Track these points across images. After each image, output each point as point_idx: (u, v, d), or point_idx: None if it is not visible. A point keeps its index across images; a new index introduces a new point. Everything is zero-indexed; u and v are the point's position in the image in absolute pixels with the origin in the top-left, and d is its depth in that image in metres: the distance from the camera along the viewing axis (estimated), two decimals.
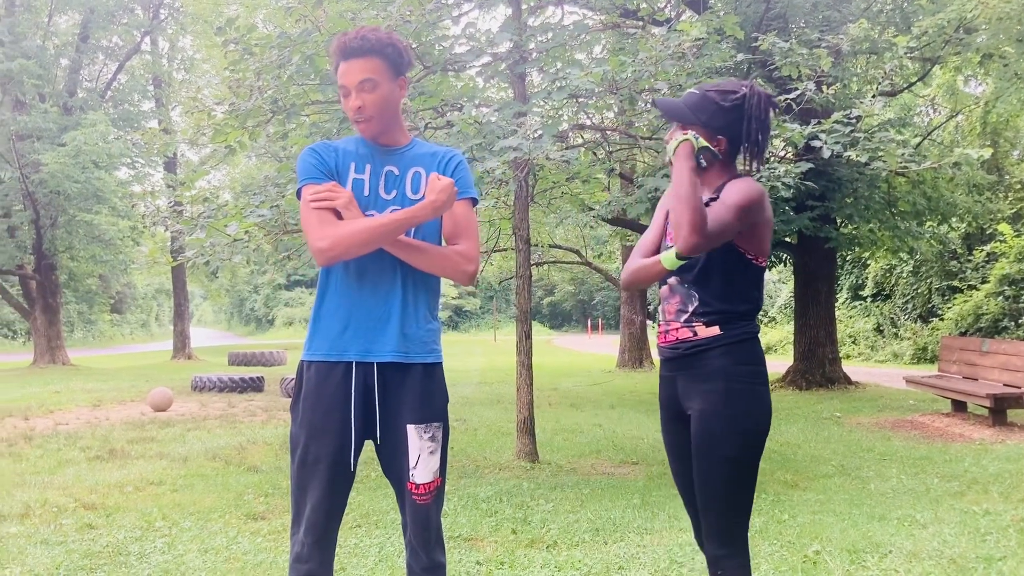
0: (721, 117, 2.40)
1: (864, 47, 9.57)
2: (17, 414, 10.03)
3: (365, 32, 2.40)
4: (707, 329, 2.37)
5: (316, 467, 2.37)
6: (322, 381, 2.39)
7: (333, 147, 2.49)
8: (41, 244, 20.07)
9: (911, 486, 5.87)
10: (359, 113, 2.39)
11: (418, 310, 2.44)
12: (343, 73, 2.39)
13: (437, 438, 2.42)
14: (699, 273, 2.38)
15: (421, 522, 2.42)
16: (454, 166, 2.50)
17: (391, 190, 2.44)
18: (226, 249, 6.11)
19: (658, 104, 2.54)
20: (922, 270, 20.48)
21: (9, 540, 4.43)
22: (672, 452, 2.57)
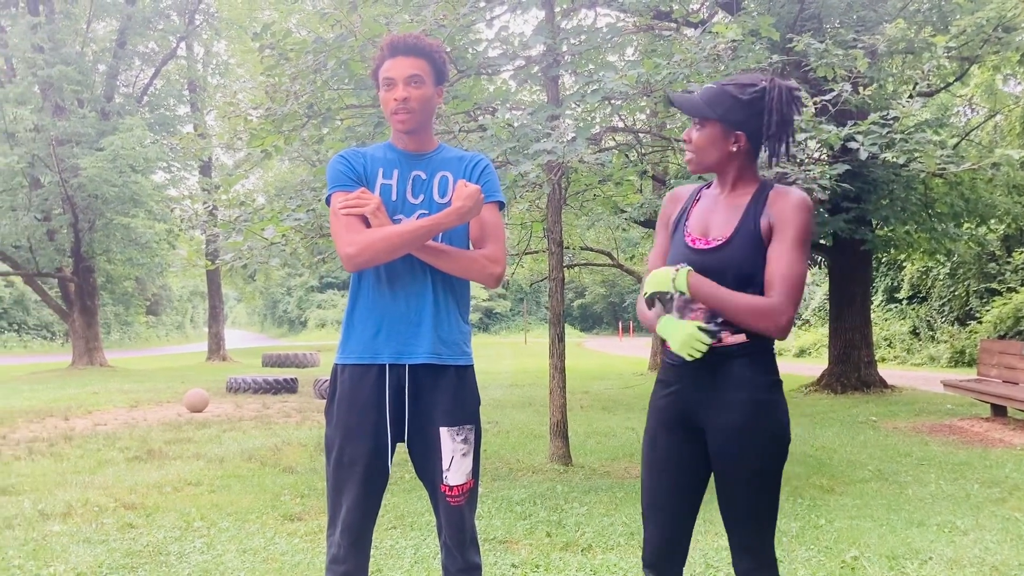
0: (739, 111, 2.28)
1: (900, 47, 9.45)
2: (57, 414, 10.20)
3: (417, 35, 2.47)
4: (733, 336, 2.24)
5: (352, 469, 2.41)
6: (356, 384, 2.44)
7: (362, 153, 2.53)
8: (79, 247, 20.38)
9: (950, 492, 5.79)
10: (404, 104, 2.41)
11: (449, 313, 2.47)
12: (391, 67, 2.43)
13: (470, 440, 2.45)
14: (735, 284, 2.23)
15: (455, 523, 2.44)
16: (480, 170, 2.53)
17: (418, 194, 2.48)
18: (263, 252, 6.18)
19: (673, 99, 2.42)
20: (959, 272, 20.19)
21: (53, 538, 4.51)
22: (659, 465, 2.38)
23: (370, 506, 2.46)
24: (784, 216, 2.24)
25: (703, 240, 2.32)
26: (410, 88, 2.42)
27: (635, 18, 7.93)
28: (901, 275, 22.47)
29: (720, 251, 2.27)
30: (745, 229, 2.27)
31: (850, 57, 6.58)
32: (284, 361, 21.03)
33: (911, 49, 9.91)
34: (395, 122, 2.46)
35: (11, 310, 35.66)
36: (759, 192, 2.31)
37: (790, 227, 2.23)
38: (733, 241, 2.27)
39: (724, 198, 2.36)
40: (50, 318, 35.83)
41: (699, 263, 2.28)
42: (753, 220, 2.27)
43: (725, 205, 2.34)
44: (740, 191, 2.34)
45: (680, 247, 2.36)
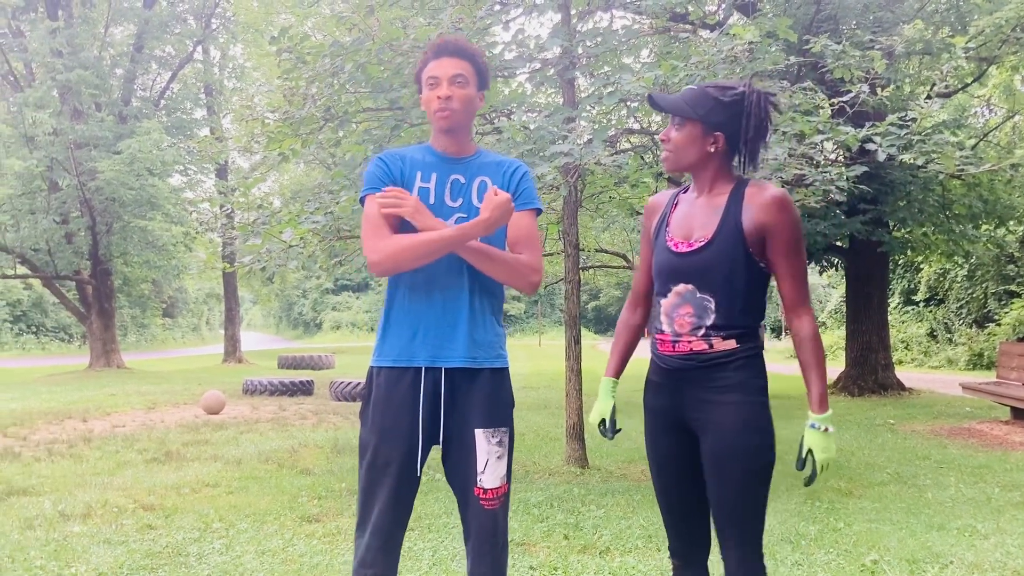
0: (720, 112, 2.33)
1: (918, 48, 9.41)
2: (76, 416, 10.27)
3: (463, 38, 2.51)
4: (724, 343, 2.30)
5: (385, 471, 2.41)
6: (392, 386, 2.44)
7: (400, 156, 2.53)
8: (97, 250, 20.51)
9: (970, 495, 5.75)
10: (447, 102, 2.43)
11: (484, 316, 2.48)
12: (436, 66, 2.45)
13: (504, 443, 2.44)
14: (720, 287, 2.30)
15: (488, 528, 2.42)
16: (519, 177, 2.54)
17: (456, 198, 2.49)
18: (281, 255, 6.21)
19: (655, 98, 2.43)
20: (978, 274, 20.05)
21: (74, 539, 4.55)
22: (664, 464, 2.47)
23: (401, 510, 2.45)
24: (773, 221, 2.28)
25: (685, 243, 2.36)
26: (454, 87, 2.44)
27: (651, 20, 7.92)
28: (918, 277, 22.34)
29: (702, 252, 2.32)
30: (726, 229, 2.31)
31: (867, 58, 6.56)
32: (300, 363, 21.10)
33: (929, 50, 9.86)
34: (437, 119, 2.46)
35: (30, 312, 35.95)
36: (735, 190, 2.35)
37: (783, 231, 2.29)
38: (715, 241, 2.31)
39: (702, 200, 2.40)
40: (68, 320, 36.10)
41: (683, 266, 2.34)
42: (733, 219, 2.30)
43: (704, 207, 2.38)
44: (717, 191, 2.38)
45: (664, 252, 2.41)
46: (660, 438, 2.47)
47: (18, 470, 6.63)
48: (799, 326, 2.32)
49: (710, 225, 2.33)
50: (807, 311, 2.32)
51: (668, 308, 2.38)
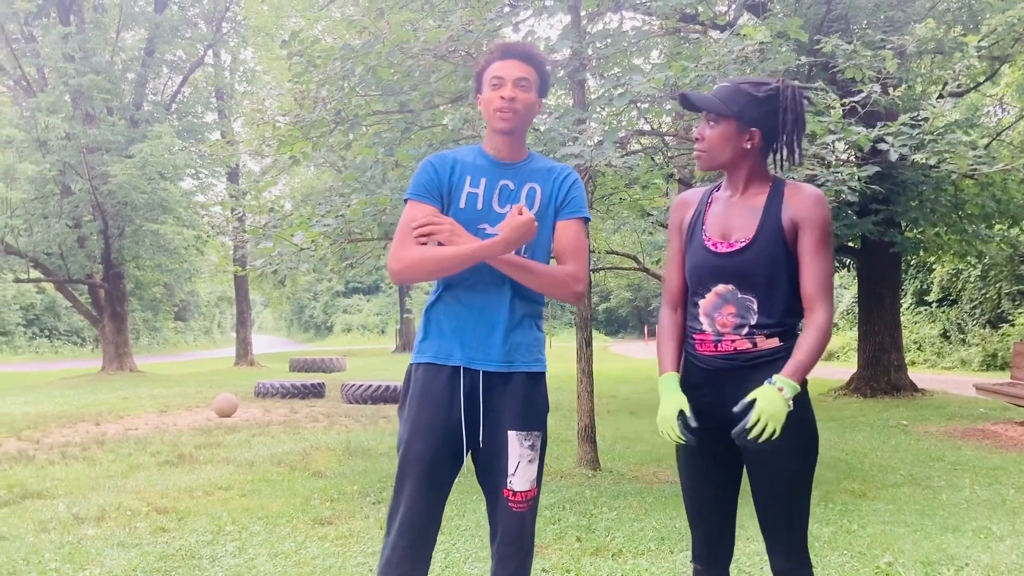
0: (755, 108, 2.30)
1: (930, 47, 9.36)
2: (89, 419, 10.32)
3: (530, 44, 2.54)
4: (767, 341, 2.28)
5: (416, 465, 2.40)
6: (429, 381, 2.45)
7: (452, 158, 2.53)
8: (109, 253, 20.61)
9: (985, 497, 5.72)
10: (510, 103, 2.42)
11: (523, 320, 2.48)
12: (501, 67, 2.45)
13: (536, 447, 2.44)
14: (762, 286, 2.28)
15: (515, 531, 2.41)
16: (568, 185, 2.52)
17: (505, 204, 2.48)
18: (293, 258, 6.22)
19: (689, 96, 2.38)
20: (991, 274, 19.92)
21: (88, 542, 4.57)
22: (697, 466, 2.42)
23: (431, 507, 2.42)
24: (807, 216, 2.27)
25: (725, 243, 2.33)
26: (518, 90, 2.44)
27: (661, 21, 7.90)
28: (931, 278, 22.21)
29: (744, 253, 2.30)
30: (768, 229, 2.29)
31: (879, 58, 6.53)
32: (311, 366, 21.14)
33: (941, 49, 9.82)
34: (497, 119, 2.44)
35: (43, 316, 36.15)
36: (774, 190, 2.33)
37: (815, 227, 2.27)
38: (756, 242, 2.29)
39: (738, 199, 2.37)
40: (80, 324, 36.27)
41: (724, 266, 2.31)
42: (775, 219, 2.29)
43: (741, 206, 2.35)
44: (754, 191, 2.36)
45: (701, 252, 2.37)
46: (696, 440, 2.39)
47: (32, 473, 6.67)
48: (811, 316, 2.27)
49: (750, 225, 2.31)
50: (824, 307, 2.27)
51: (708, 308, 2.35)
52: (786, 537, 2.32)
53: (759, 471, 2.31)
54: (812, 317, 2.27)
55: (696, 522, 2.46)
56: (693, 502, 2.45)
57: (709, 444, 2.36)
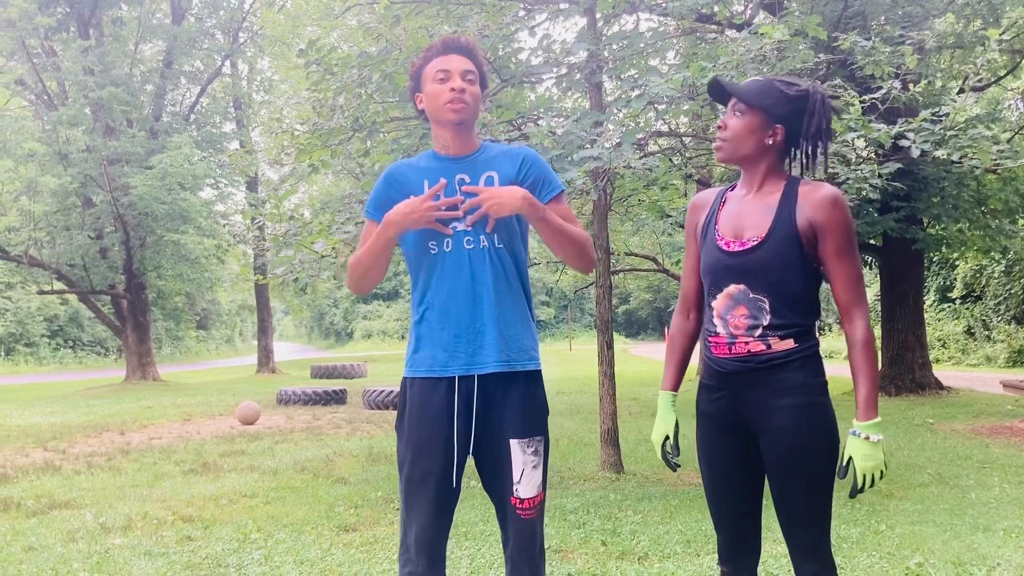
0: (784, 105, 2.27)
1: (950, 42, 9.28)
2: (113, 429, 10.40)
3: (468, 38, 2.53)
4: (782, 343, 2.23)
5: (424, 484, 2.40)
6: (426, 397, 2.43)
7: (404, 168, 2.55)
8: (131, 264, 20.78)
9: (1016, 495, 5.64)
10: (460, 94, 2.42)
11: (515, 317, 2.46)
12: (445, 61, 2.45)
13: (540, 452, 2.43)
14: (774, 286, 2.24)
15: (526, 537, 2.41)
16: (529, 164, 2.52)
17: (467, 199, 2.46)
18: (314, 265, 6.25)
19: (720, 81, 2.32)
20: (1015, 270, 19.72)
21: (115, 551, 4.59)
22: (719, 469, 2.39)
23: (443, 523, 2.44)
24: (827, 219, 2.23)
25: (737, 242, 2.30)
26: (466, 82, 2.44)
27: (677, 22, 7.88)
28: (954, 274, 22.01)
29: (756, 251, 2.26)
30: (781, 227, 2.24)
31: (898, 54, 6.47)
32: (332, 372, 21.21)
33: (960, 44, 9.74)
34: (447, 111, 2.43)
35: (66, 327, 36.50)
36: (789, 188, 2.29)
37: (838, 231, 2.23)
38: (769, 240, 2.25)
39: (752, 197, 2.33)
40: (104, 334, 36.61)
41: (735, 265, 2.28)
42: (789, 218, 2.24)
43: (755, 204, 2.32)
44: (768, 189, 2.32)
45: (714, 251, 2.33)
46: (716, 442, 2.39)
47: (59, 483, 6.72)
48: (852, 331, 2.24)
49: (763, 223, 2.27)
50: (861, 314, 2.25)
51: (721, 310, 2.32)
52: (808, 540, 2.28)
53: (781, 474, 2.27)
54: (854, 332, 2.24)
55: (720, 525, 2.44)
56: (716, 505, 2.43)
57: (727, 449, 2.36)
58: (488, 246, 2.42)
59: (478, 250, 2.41)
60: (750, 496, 2.39)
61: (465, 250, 2.41)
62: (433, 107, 2.46)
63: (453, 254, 2.42)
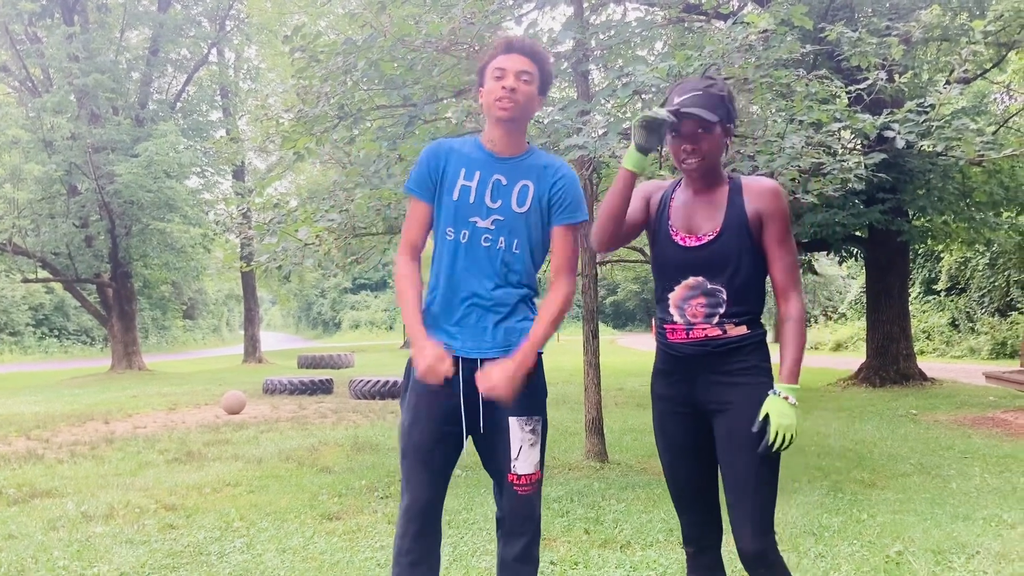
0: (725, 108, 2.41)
1: (936, 34, 9.31)
2: (98, 418, 10.35)
3: (533, 40, 2.59)
4: (736, 328, 2.38)
5: (417, 453, 2.52)
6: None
7: (448, 148, 2.60)
8: (117, 253, 20.66)
9: (996, 485, 5.69)
10: (511, 93, 2.46)
11: (518, 306, 2.55)
12: (505, 59, 2.50)
13: (538, 431, 2.53)
14: (730, 276, 2.38)
15: (523, 513, 2.51)
16: (561, 185, 2.56)
17: (496, 199, 2.52)
18: (297, 253, 6.22)
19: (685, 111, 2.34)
20: (1000, 262, 19.84)
21: (96, 539, 4.57)
22: (678, 449, 2.51)
23: (435, 493, 2.55)
24: (771, 209, 2.39)
25: (692, 237, 2.42)
26: (519, 82, 2.48)
27: (664, 11, 7.87)
28: (939, 266, 22.13)
29: (713, 244, 2.39)
30: (734, 222, 2.39)
31: (884, 45, 6.48)
32: (319, 362, 21.17)
33: (947, 36, 9.76)
34: (497, 108, 2.48)
35: (52, 316, 36.29)
36: (733, 184, 2.45)
37: (779, 219, 2.40)
38: (724, 234, 2.39)
39: (700, 196, 2.46)
40: (89, 323, 36.40)
41: (692, 259, 2.41)
42: (740, 211, 2.40)
43: (704, 202, 2.45)
44: (715, 186, 2.45)
45: (670, 247, 2.46)
46: (669, 424, 2.52)
47: (41, 472, 6.68)
48: (787, 308, 2.41)
49: (716, 218, 2.41)
50: (797, 295, 2.42)
51: (678, 300, 2.44)
52: (756, 516, 2.36)
53: (734, 447, 2.37)
54: (788, 308, 2.41)
55: (680, 505, 2.55)
56: (675, 485, 2.55)
57: (683, 430, 2.50)
58: (505, 248, 2.49)
59: (494, 249, 2.50)
60: (708, 474, 2.51)
61: (481, 246, 2.49)
62: (487, 103, 2.52)
63: (467, 246, 2.50)
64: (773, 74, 5.77)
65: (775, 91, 5.98)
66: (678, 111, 2.35)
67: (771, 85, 5.83)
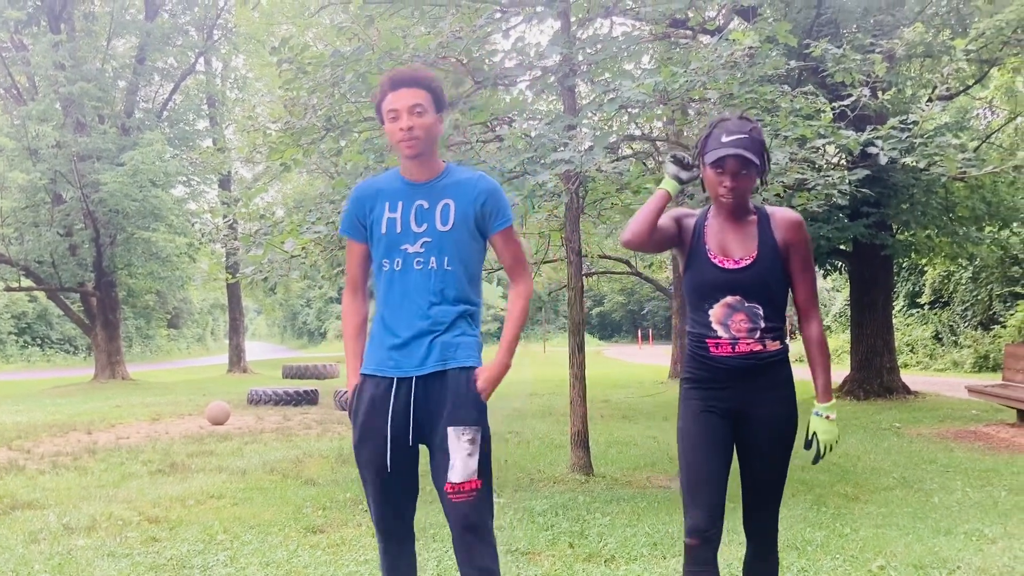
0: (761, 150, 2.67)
1: (919, 51, 9.40)
2: (81, 428, 10.28)
3: (415, 67, 2.73)
4: (773, 343, 2.65)
5: (367, 469, 2.67)
6: (371, 391, 2.66)
7: (372, 188, 2.75)
8: (101, 262, 20.54)
9: (977, 499, 5.72)
10: (409, 132, 2.58)
11: (456, 323, 2.66)
12: (394, 99, 2.61)
13: (476, 441, 2.58)
14: (765, 295, 2.65)
15: (460, 522, 2.57)
16: (485, 196, 2.69)
17: (422, 223, 2.66)
18: (283, 265, 6.21)
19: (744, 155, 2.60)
20: (982, 276, 19.98)
21: (78, 552, 4.54)
22: (700, 442, 2.70)
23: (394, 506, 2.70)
24: (796, 239, 2.69)
25: (731, 261, 2.67)
26: (414, 118, 2.59)
27: (651, 26, 7.92)
28: (922, 280, 22.26)
29: (751, 269, 2.65)
30: (767, 248, 2.67)
31: (868, 61, 6.55)
32: (304, 373, 21.09)
33: (930, 52, 9.86)
34: (402, 149, 2.62)
35: (35, 324, 36.01)
36: (761, 215, 2.72)
37: (803, 248, 2.70)
38: (760, 259, 2.66)
39: (732, 223, 2.71)
40: (73, 332, 36.14)
41: (732, 280, 2.65)
42: (771, 240, 2.68)
43: (736, 230, 2.71)
44: (745, 216, 2.72)
45: (709, 268, 2.69)
46: (704, 417, 2.70)
47: (23, 483, 6.63)
48: (810, 330, 2.72)
49: (751, 245, 2.68)
50: (818, 318, 2.74)
51: (721, 317, 2.67)
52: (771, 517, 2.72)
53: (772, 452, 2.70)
54: (811, 331, 2.73)
55: (695, 500, 2.68)
56: (695, 481, 2.69)
57: (711, 426, 2.70)
58: (437, 267, 2.62)
59: (426, 271, 2.62)
60: (725, 472, 2.71)
61: (414, 270, 2.63)
62: (391, 142, 2.66)
63: (401, 273, 2.65)
64: (758, 90, 5.82)
65: (760, 107, 6.03)
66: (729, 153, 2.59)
67: (756, 101, 5.88)
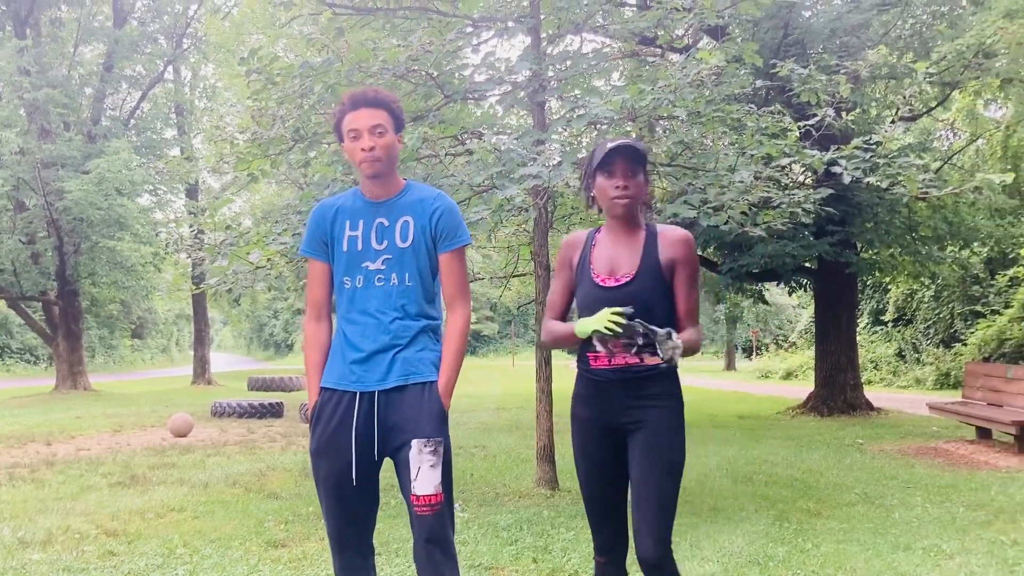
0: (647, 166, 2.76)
1: (883, 72, 9.56)
2: (39, 439, 10.10)
3: (375, 88, 2.72)
4: (651, 358, 2.57)
5: (326, 484, 2.67)
6: (331, 404, 2.66)
7: (334, 208, 2.76)
8: (64, 270, 20.26)
9: (936, 515, 5.79)
10: (370, 152, 2.60)
11: (416, 340, 2.67)
12: (354, 118, 2.62)
13: (438, 453, 2.58)
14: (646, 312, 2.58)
15: (424, 535, 2.56)
16: (439, 215, 2.70)
17: (382, 240, 2.68)
18: (248, 276, 6.16)
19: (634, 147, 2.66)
20: (944, 295, 20.31)
21: (32, 567, 4.45)
22: (597, 468, 2.76)
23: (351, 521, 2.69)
24: (682, 256, 2.70)
25: (612, 278, 2.70)
26: (375, 137, 2.61)
27: (620, 44, 7.99)
28: (886, 298, 22.58)
29: (628, 287, 2.67)
30: (648, 266, 2.68)
31: (833, 82, 6.65)
32: (270, 385, 20.90)
33: (893, 75, 10.04)
34: (363, 169, 2.64)
35: None
36: (649, 232, 2.74)
37: (689, 266, 2.71)
38: (639, 277, 2.67)
39: (620, 240, 2.74)
40: (34, 342, 35.53)
41: (611, 298, 2.64)
42: (654, 257, 2.69)
43: (624, 246, 2.73)
44: (634, 232, 2.74)
45: (591, 287, 2.72)
46: (589, 444, 2.77)
47: None
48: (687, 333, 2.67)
49: (633, 262, 2.69)
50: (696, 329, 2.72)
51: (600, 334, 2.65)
52: (658, 525, 2.61)
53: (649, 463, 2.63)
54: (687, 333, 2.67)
55: (600, 522, 2.79)
56: (592, 502, 2.79)
57: (600, 450, 2.75)
58: (398, 283, 2.64)
59: (387, 287, 2.64)
60: (623, 490, 2.77)
61: (375, 287, 2.65)
62: (352, 161, 2.67)
63: (363, 290, 2.66)
64: (725, 108, 5.89)
65: (727, 125, 6.10)
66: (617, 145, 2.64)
67: (723, 119, 5.95)
